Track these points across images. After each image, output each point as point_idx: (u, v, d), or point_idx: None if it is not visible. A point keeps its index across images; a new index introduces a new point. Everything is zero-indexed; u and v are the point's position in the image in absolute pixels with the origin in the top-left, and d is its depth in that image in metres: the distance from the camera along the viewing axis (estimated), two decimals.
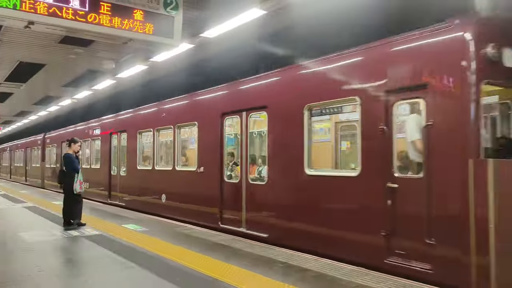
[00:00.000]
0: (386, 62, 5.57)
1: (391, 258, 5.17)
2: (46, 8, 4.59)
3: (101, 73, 10.08)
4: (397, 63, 5.42)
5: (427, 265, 4.82)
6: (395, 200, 5.20)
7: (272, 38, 7.49)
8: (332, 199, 6.19)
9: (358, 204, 5.75)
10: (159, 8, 5.25)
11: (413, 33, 5.34)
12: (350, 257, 5.59)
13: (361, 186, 5.66)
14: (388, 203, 5.24)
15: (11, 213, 11.03)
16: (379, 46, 5.79)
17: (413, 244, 4.95)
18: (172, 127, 9.95)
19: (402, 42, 5.45)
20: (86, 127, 17.15)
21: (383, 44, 5.73)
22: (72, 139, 9.09)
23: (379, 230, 5.27)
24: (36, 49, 7.93)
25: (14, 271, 5.35)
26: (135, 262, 5.71)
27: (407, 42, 5.38)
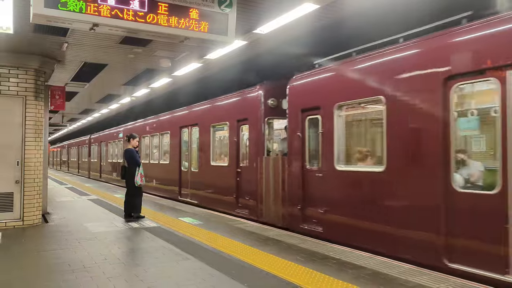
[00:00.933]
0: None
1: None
2: (109, 11, 4.83)
3: (158, 72, 10.42)
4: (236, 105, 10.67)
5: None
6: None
7: (324, 32, 7.40)
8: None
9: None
10: (213, 6, 5.34)
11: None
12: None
13: None
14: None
15: (77, 205, 11.77)
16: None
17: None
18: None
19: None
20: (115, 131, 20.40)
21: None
22: (131, 134, 9.56)
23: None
24: (99, 50, 8.34)
25: (82, 258, 5.72)
26: (191, 253, 5.91)
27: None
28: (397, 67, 6.00)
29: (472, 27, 5.10)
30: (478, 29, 5.02)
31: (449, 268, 5.03)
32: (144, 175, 9.17)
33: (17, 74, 8.26)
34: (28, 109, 8.28)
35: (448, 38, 5.36)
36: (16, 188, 8.17)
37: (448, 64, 5.20)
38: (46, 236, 7.37)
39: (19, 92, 8.25)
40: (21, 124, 8.22)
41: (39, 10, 4.53)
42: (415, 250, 5.54)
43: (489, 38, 4.89)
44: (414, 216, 5.61)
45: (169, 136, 15.10)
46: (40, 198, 8.56)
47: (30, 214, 8.25)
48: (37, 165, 8.40)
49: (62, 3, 4.57)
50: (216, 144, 12.06)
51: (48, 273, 5.13)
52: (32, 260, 5.76)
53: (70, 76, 10.82)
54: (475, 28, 5.07)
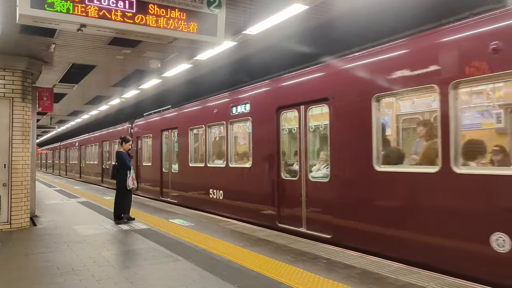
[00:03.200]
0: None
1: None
2: (96, 11, 4.79)
3: (148, 73, 10.36)
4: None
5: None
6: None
7: (314, 33, 7.44)
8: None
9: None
10: (202, 7, 5.33)
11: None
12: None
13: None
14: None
15: (65, 208, 11.65)
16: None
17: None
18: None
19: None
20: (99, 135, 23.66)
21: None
22: (124, 137, 9.49)
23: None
24: (87, 51, 8.27)
25: (71, 261, 5.67)
26: (182, 255, 5.88)
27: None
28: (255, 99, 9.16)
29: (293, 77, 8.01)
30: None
31: (278, 227, 7.88)
32: (135, 178, 9.23)
33: (4, 75, 8.16)
34: (15, 111, 8.18)
35: (278, 83, 8.47)
36: (3, 191, 8.06)
37: (279, 100, 8.20)
38: (34, 239, 7.28)
39: (6, 93, 8.14)
40: (8, 126, 8.12)
41: (25, 10, 4.48)
42: (262, 216, 8.47)
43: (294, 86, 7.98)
44: (262, 195, 8.45)
45: (151, 139, 15.53)
46: (28, 201, 8.46)
47: (18, 217, 8.14)
48: (25, 167, 8.30)
49: (49, 4, 4.53)
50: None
51: (36, 277, 5.07)
52: (20, 263, 5.69)
53: (58, 77, 10.71)
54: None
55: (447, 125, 4.96)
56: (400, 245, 5.54)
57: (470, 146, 5.16)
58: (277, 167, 8.12)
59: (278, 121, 8.17)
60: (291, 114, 8.02)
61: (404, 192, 5.58)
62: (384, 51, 6.03)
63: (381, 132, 5.99)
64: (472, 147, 5.18)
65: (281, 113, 8.14)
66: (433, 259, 5.10)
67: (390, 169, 5.80)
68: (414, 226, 5.40)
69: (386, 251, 5.69)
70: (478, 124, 5.59)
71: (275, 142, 8.20)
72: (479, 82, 4.87)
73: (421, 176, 5.33)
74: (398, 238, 5.56)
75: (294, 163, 7.98)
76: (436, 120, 5.22)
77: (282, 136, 8.24)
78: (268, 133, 8.40)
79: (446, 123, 4.97)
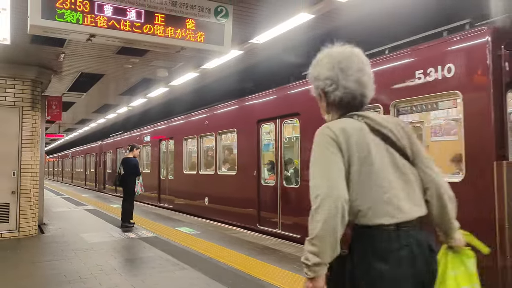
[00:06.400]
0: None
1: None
2: (105, 21, 4.86)
3: (155, 81, 10.45)
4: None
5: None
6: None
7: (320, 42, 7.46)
8: None
9: None
10: (210, 17, 5.39)
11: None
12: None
13: None
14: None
15: (73, 216, 11.71)
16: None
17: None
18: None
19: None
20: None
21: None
22: (133, 144, 9.69)
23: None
24: (96, 60, 8.37)
25: (78, 269, 5.69)
26: (188, 263, 5.88)
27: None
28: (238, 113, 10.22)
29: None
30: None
31: (258, 229, 8.66)
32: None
33: (14, 84, 8.27)
34: (25, 119, 8.28)
35: (258, 99, 9.35)
36: (12, 199, 8.13)
37: (259, 114, 9.06)
38: (42, 247, 7.32)
39: (15, 102, 8.25)
40: (18, 134, 8.21)
41: (36, 21, 4.55)
42: (245, 219, 9.21)
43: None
44: (246, 200, 9.23)
45: (150, 148, 16.53)
46: (36, 208, 8.52)
47: (26, 225, 8.20)
48: (34, 175, 8.37)
49: (59, 14, 4.60)
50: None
51: (44, 284, 5.10)
52: (28, 271, 5.72)
53: (67, 86, 10.83)
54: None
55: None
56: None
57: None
58: (258, 174, 8.95)
59: (258, 133, 9.03)
60: (269, 126, 8.89)
61: None
62: None
63: None
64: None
65: (261, 125, 9.01)
66: None
67: None
68: None
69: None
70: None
71: (256, 151, 9.03)
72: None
73: None
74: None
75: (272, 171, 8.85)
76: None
77: (262, 146, 9.09)
78: (250, 143, 9.24)
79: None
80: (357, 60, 1.92)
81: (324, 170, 1.75)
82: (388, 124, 1.90)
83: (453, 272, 1.87)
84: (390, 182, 1.79)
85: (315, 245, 1.69)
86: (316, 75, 1.98)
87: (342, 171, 1.75)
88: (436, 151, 7.23)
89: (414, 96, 5.50)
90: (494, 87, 4.62)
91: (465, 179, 4.78)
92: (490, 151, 4.60)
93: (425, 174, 1.90)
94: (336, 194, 1.68)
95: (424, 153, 1.95)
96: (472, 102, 4.82)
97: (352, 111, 1.92)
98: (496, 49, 4.67)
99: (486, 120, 4.64)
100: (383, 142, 1.85)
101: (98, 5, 4.78)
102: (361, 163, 1.77)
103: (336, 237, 1.68)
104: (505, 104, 4.67)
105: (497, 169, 4.50)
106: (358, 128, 1.83)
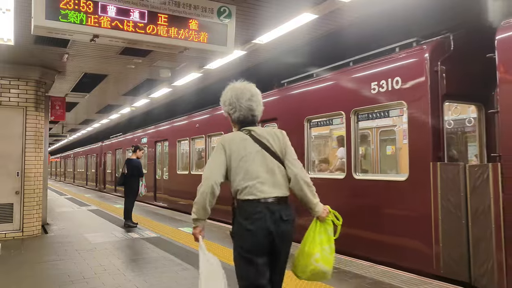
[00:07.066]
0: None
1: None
2: (109, 22, 4.87)
3: (158, 82, 10.46)
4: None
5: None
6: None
7: (323, 42, 7.46)
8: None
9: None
10: (213, 17, 5.39)
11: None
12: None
13: None
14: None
15: (76, 216, 11.74)
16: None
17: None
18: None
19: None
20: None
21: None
22: (137, 146, 9.79)
23: None
24: (99, 60, 8.38)
25: (81, 269, 5.70)
26: (191, 263, 5.88)
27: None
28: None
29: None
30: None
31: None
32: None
33: (18, 85, 8.30)
34: (29, 120, 8.31)
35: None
36: (16, 199, 8.16)
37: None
38: (45, 247, 7.34)
39: (19, 103, 8.28)
40: (22, 134, 8.24)
41: (40, 22, 4.56)
42: (229, 215, 8.91)
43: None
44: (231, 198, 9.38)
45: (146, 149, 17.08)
46: (40, 208, 8.54)
47: (30, 225, 8.23)
48: (37, 175, 8.40)
49: (63, 15, 4.61)
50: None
51: (47, 284, 5.11)
52: (32, 271, 5.74)
53: (70, 86, 10.85)
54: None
55: (349, 140, 6.58)
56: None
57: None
58: None
59: None
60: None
61: (327, 193, 7.22)
62: (312, 84, 7.66)
63: (311, 145, 7.74)
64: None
65: (243, 129, 9.52)
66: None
67: (316, 175, 7.35)
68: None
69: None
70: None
71: None
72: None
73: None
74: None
75: None
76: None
77: None
78: None
79: (349, 139, 6.62)
80: (248, 92, 2.89)
81: (210, 163, 2.78)
82: (266, 135, 2.82)
83: (320, 236, 2.83)
84: (258, 174, 2.70)
85: (194, 207, 2.77)
86: (223, 102, 2.98)
87: (222, 165, 2.74)
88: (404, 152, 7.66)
89: (370, 105, 6.25)
90: (432, 98, 5.37)
91: (409, 178, 5.56)
92: (428, 153, 5.34)
93: (289, 169, 2.79)
94: (211, 178, 2.70)
95: (292, 155, 2.83)
96: (414, 111, 5.57)
97: (245, 126, 2.88)
98: (433, 65, 5.39)
99: (425, 126, 5.39)
100: (260, 148, 2.76)
101: (101, 5, 4.79)
102: (239, 160, 2.73)
103: (206, 204, 2.72)
104: (441, 113, 5.42)
105: (433, 169, 5.24)
106: (243, 138, 2.80)
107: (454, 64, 5.48)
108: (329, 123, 7.59)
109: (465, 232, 4.88)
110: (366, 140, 8.29)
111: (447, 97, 5.50)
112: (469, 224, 4.84)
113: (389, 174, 7.19)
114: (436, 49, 5.48)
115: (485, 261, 4.65)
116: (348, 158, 6.59)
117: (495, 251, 4.55)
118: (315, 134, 8.16)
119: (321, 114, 7.32)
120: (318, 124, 7.72)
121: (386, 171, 7.97)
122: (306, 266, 2.82)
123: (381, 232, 5.94)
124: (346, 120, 6.65)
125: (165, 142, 15.16)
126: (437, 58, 5.42)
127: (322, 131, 8.68)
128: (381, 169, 8.03)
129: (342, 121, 6.87)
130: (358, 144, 6.66)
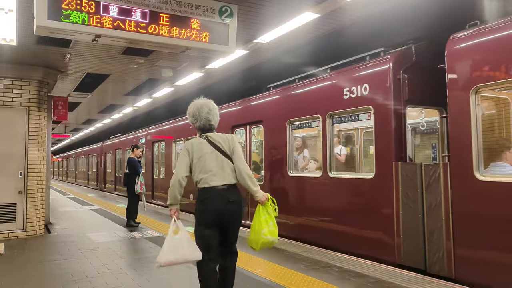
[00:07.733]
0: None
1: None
2: (111, 22, 4.88)
3: (160, 81, 10.47)
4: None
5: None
6: None
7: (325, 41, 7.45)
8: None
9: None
10: (214, 17, 5.39)
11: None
12: None
13: None
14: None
15: (79, 215, 11.77)
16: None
17: None
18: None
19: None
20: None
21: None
22: (135, 145, 9.82)
23: None
24: (101, 60, 8.40)
25: (84, 269, 5.72)
26: (193, 262, 5.88)
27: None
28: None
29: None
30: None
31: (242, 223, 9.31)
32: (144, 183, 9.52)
33: (21, 85, 8.33)
34: (31, 120, 8.34)
35: (231, 107, 10.46)
36: (19, 199, 8.19)
37: (233, 120, 10.13)
38: (48, 247, 7.37)
39: (22, 103, 8.31)
40: (24, 134, 8.27)
41: (42, 22, 4.58)
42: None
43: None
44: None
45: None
46: (43, 208, 8.57)
47: (33, 224, 8.26)
48: (40, 175, 8.43)
49: (65, 15, 4.62)
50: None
51: (50, 284, 5.13)
52: (35, 270, 5.76)
53: (72, 86, 10.88)
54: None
55: (325, 141, 7.12)
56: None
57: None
58: None
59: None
60: (242, 131, 9.98)
61: (306, 189, 7.68)
62: (293, 88, 8.14)
63: (294, 146, 8.23)
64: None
65: (235, 130, 10.06)
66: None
67: (297, 174, 8.01)
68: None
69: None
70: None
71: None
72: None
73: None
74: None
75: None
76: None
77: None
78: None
79: (324, 140, 7.16)
80: (206, 107, 3.83)
81: (178, 162, 3.76)
82: (219, 139, 3.76)
83: (263, 217, 3.75)
84: (211, 168, 3.66)
85: (168, 195, 3.78)
86: (189, 114, 3.89)
87: (186, 163, 3.71)
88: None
89: (342, 109, 6.82)
90: (395, 103, 5.91)
91: (375, 176, 6.12)
92: (391, 153, 5.89)
93: (236, 164, 3.72)
94: (178, 174, 3.69)
95: (238, 153, 3.75)
96: (379, 115, 6.12)
97: (205, 133, 3.83)
98: (396, 74, 5.94)
99: (388, 129, 5.96)
100: (214, 149, 3.71)
101: (103, 5, 4.80)
102: (198, 159, 3.69)
103: (176, 193, 3.72)
104: (404, 116, 5.96)
105: (395, 168, 5.78)
106: (201, 142, 3.76)
107: (415, 73, 6.01)
108: (308, 126, 8.12)
109: (421, 225, 5.40)
110: (351, 140, 8.84)
111: (409, 102, 6.02)
112: (425, 218, 5.37)
113: (360, 173, 7.77)
114: (398, 59, 6.03)
115: (437, 251, 5.19)
116: (323, 158, 7.14)
117: (445, 241, 5.08)
118: (303, 134, 8.70)
119: (301, 117, 7.85)
120: (299, 126, 8.25)
121: (366, 170, 8.16)
122: (258, 239, 3.70)
123: (352, 225, 6.50)
124: (322, 123, 7.21)
125: (161, 143, 15.59)
126: (400, 67, 5.97)
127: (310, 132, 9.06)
128: (364, 168, 8.25)
129: (319, 123, 7.38)
130: (333, 144, 7.19)
